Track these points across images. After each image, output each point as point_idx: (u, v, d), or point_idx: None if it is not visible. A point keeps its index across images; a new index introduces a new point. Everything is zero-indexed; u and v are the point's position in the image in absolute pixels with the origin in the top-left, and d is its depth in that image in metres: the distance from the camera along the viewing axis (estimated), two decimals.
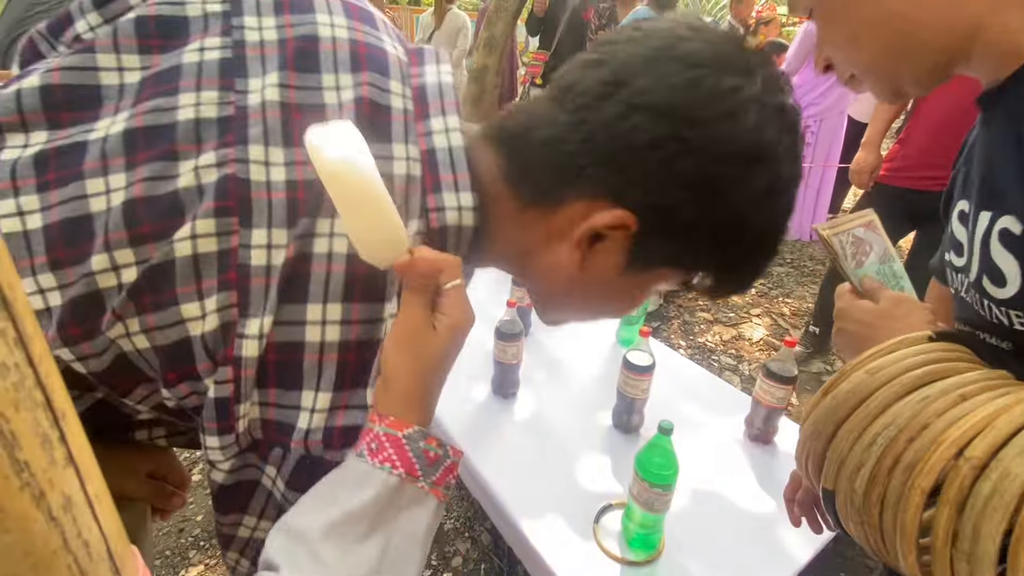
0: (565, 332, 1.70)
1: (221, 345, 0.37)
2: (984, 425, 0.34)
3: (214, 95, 0.40)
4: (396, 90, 0.43)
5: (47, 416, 0.16)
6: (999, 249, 0.42)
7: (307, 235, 0.37)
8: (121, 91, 0.41)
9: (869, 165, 1.74)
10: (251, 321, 0.36)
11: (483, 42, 3.71)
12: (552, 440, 1.26)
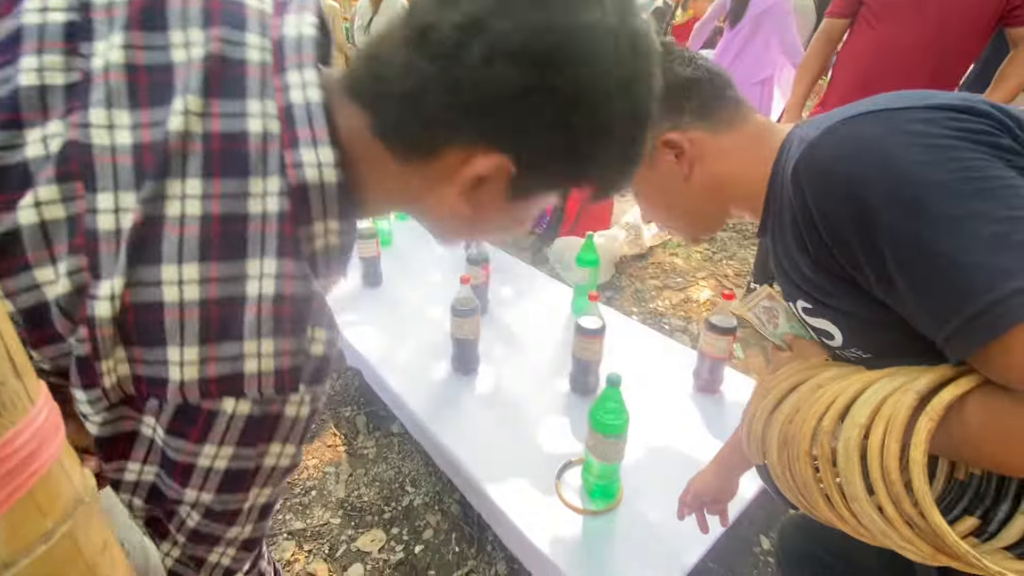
0: (522, 307, 1.74)
1: (76, 307, 0.38)
2: (830, 402, 0.49)
3: (59, 60, 0.39)
4: (253, 43, 0.42)
5: None
6: (810, 320, 0.57)
7: (156, 198, 0.38)
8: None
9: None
10: (102, 283, 0.37)
11: None
12: (513, 409, 1.30)
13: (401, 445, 1.63)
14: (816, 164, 0.48)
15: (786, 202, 0.52)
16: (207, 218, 0.38)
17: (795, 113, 1.84)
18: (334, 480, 1.51)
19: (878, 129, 0.46)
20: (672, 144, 0.61)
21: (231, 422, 0.39)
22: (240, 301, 0.39)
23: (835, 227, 0.46)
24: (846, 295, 0.50)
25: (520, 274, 1.99)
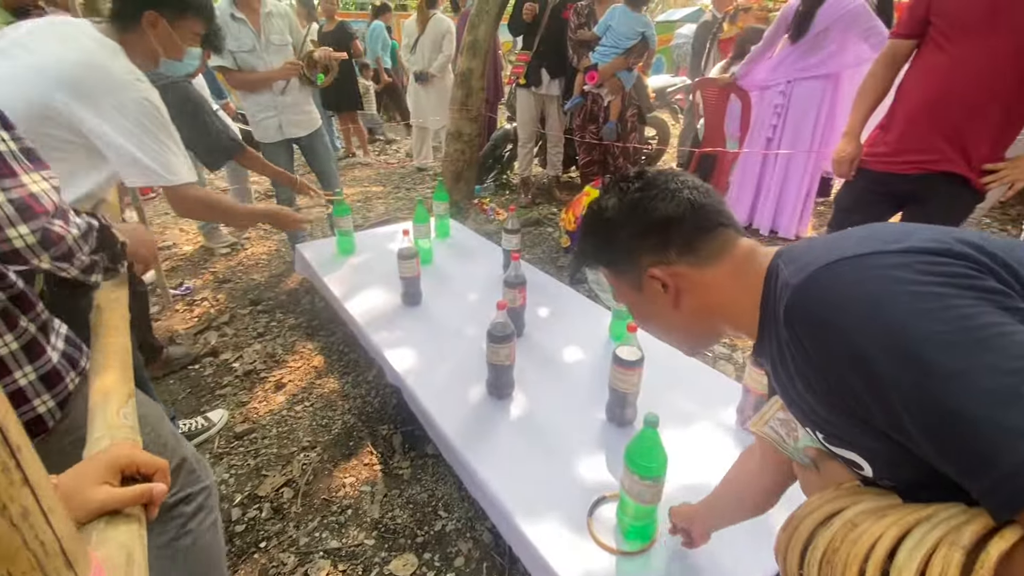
0: (559, 330, 1.72)
1: None
2: (870, 546, 0.46)
3: None
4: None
5: (5, 449, 0.18)
6: (834, 449, 0.55)
7: None
8: None
9: (849, 155, 1.74)
10: None
11: (467, 46, 3.74)
12: (547, 437, 1.28)
13: (435, 467, 1.63)
14: (806, 314, 0.49)
15: (783, 341, 0.53)
16: None
17: (853, 140, 1.74)
18: (369, 500, 1.53)
19: (859, 276, 0.46)
20: (656, 278, 0.64)
21: None
22: None
23: (840, 377, 0.46)
24: (865, 434, 0.49)
25: (557, 295, 1.97)
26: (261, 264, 3.15)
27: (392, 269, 1.88)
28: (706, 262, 0.62)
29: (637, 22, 3.15)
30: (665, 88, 4.54)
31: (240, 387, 2.06)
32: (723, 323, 0.66)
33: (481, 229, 3.40)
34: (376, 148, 6.21)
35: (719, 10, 4.52)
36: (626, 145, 3.41)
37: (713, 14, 4.55)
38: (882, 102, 1.77)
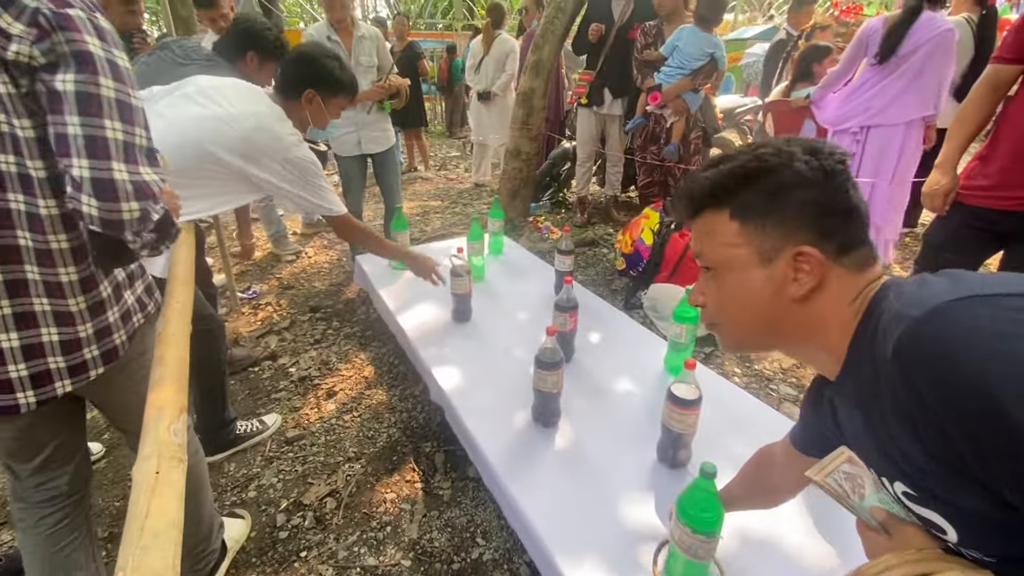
0: (610, 358, 1.65)
1: None
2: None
3: None
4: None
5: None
6: (915, 507, 0.49)
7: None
8: None
9: (943, 188, 1.57)
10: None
11: (530, 65, 3.77)
12: (593, 473, 1.22)
13: (476, 491, 1.60)
14: (925, 349, 0.43)
15: (885, 378, 0.47)
16: None
17: (948, 172, 1.58)
18: (409, 518, 1.52)
19: (995, 315, 0.41)
20: (804, 260, 0.56)
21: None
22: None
23: (958, 423, 0.40)
24: (963, 491, 0.43)
25: (610, 321, 1.91)
26: (323, 272, 3.28)
27: (445, 284, 1.90)
28: (847, 270, 0.56)
29: (707, 43, 3.05)
30: (734, 108, 4.38)
31: (294, 392, 2.12)
32: (809, 340, 0.59)
33: (535, 247, 3.38)
34: (436, 163, 6.38)
35: (795, 28, 4.33)
36: (688, 167, 3.29)
37: (788, 32, 4.37)
38: (982, 131, 1.61)
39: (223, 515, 1.43)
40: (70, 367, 0.87)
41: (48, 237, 0.80)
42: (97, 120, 0.73)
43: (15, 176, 0.77)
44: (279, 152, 1.43)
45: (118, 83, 0.76)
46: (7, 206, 0.77)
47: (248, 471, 1.72)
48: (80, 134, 0.72)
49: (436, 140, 7.83)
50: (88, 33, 0.73)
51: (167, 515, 0.47)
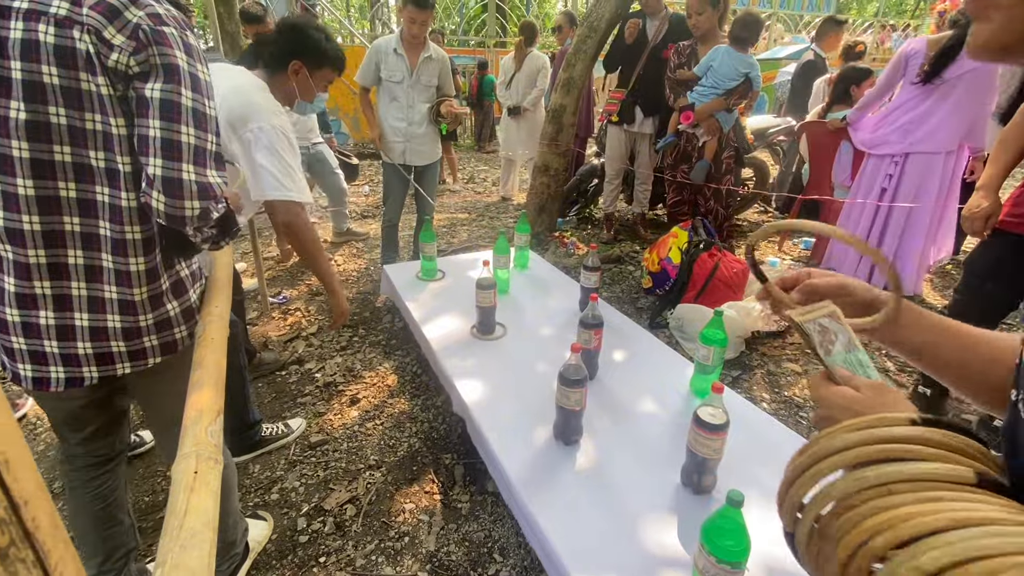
0: (634, 377, 1.63)
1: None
2: (888, 526, 0.35)
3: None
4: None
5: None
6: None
7: None
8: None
9: (984, 212, 1.52)
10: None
11: (561, 83, 3.81)
12: (614, 495, 1.20)
13: (494, 506, 1.59)
14: None
15: None
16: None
17: (990, 195, 1.54)
18: (427, 530, 1.52)
19: None
20: None
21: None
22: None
23: None
24: None
25: (635, 339, 1.89)
26: (351, 280, 3.34)
27: (469, 297, 1.91)
28: None
29: (741, 63, 3.04)
30: (766, 129, 4.32)
31: (319, 397, 2.16)
32: None
33: (560, 263, 3.39)
34: (464, 177, 6.47)
35: (825, 50, 4.28)
36: (719, 187, 3.26)
37: (816, 53, 4.32)
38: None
39: (246, 516, 1.46)
40: (130, 352, 0.95)
41: (125, 228, 0.88)
42: (175, 125, 0.82)
43: (103, 171, 0.85)
44: (254, 117, 1.41)
45: (196, 94, 0.85)
46: (94, 198, 0.85)
47: (272, 473, 1.75)
48: (159, 136, 0.82)
49: (464, 154, 7.95)
50: (178, 48, 0.83)
51: (204, 514, 0.49)
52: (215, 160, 0.89)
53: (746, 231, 4.34)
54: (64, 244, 0.85)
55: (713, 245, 2.75)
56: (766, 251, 3.89)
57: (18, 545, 0.17)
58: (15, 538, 0.17)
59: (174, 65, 0.82)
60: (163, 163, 0.82)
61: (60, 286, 0.87)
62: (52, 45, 0.77)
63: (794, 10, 10.92)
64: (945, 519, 0.33)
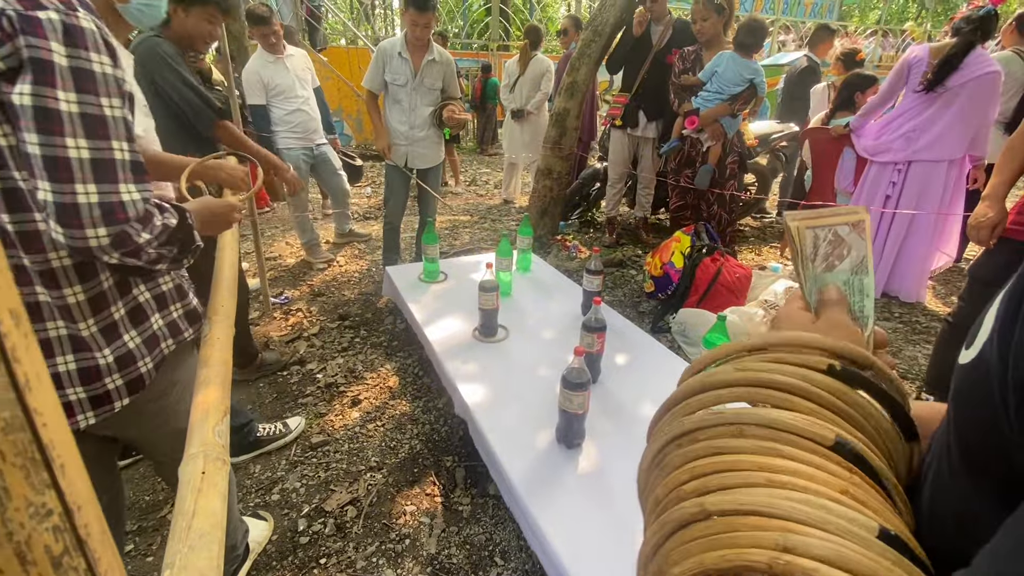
0: (636, 381, 1.63)
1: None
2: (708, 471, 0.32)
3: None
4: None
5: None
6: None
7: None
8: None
9: (990, 221, 1.52)
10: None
11: (565, 87, 3.82)
12: (616, 499, 1.20)
13: (495, 509, 1.59)
14: None
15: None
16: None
17: (996, 204, 1.54)
18: (427, 532, 1.51)
19: None
20: None
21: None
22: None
23: None
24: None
25: (638, 343, 1.89)
26: (353, 281, 3.34)
27: (472, 299, 1.91)
28: None
29: (746, 69, 3.05)
30: (769, 134, 4.33)
31: (321, 398, 2.16)
32: None
33: (562, 266, 3.39)
34: (467, 179, 6.48)
35: (819, 56, 4.31)
36: (722, 192, 3.26)
37: (810, 58, 4.33)
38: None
39: (247, 515, 1.46)
40: (91, 397, 0.81)
41: (48, 255, 0.74)
42: (57, 138, 0.66)
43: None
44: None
45: (83, 94, 0.68)
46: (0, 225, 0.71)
47: (272, 474, 1.75)
48: (39, 153, 0.66)
49: (467, 156, 7.96)
50: (54, 39, 0.65)
51: (213, 515, 0.49)
52: (130, 171, 0.73)
53: (748, 236, 4.35)
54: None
55: (716, 250, 2.75)
56: (768, 256, 3.90)
57: (71, 553, 0.17)
58: (68, 546, 0.17)
59: (44, 61, 0.65)
60: (51, 186, 0.67)
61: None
62: None
63: (796, 17, 10.96)
64: (762, 477, 0.30)
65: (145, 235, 0.75)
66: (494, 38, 9.11)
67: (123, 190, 0.72)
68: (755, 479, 0.30)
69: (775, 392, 0.35)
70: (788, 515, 0.28)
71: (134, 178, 0.74)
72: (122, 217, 0.71)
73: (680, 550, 0.31)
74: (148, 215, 0.76)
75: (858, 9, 15.67)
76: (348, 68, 6.73)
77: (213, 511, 0.49)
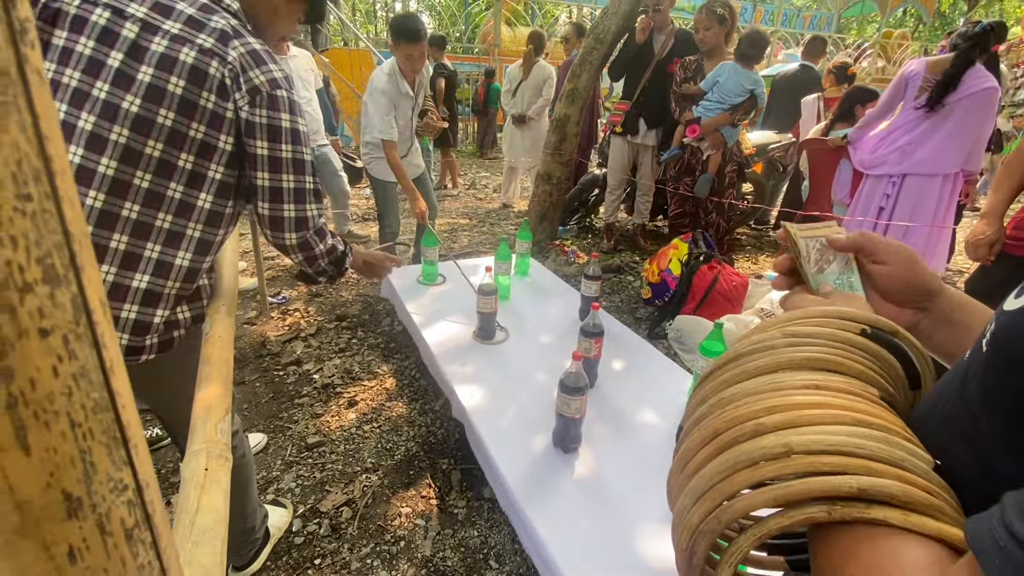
0: (633, 387, 1.64)
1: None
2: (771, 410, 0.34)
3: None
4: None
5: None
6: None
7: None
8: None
9: (989, 239, 1.53)
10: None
11: (566, 93, 3.84)
12: (612, 504, 1.20)
13: (491, 513, 1.59)
14: None
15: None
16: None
17: (994, 222, 1.56)
18: (423, 535, 1.51)
19: None
20: None
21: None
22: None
23: None
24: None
25: (635, 349, 1.90)
26: (351, 282, 3.34)
27: (470, 302, 1.91)
28: None
29: (747, 79, 3.08)
30: (767, 144, 4.37)
31: (317, 399, 2.15)
32: None
33: (560, 270, 3.40)
34: (466, 183, 6.49)
35: (811, 62, 4.36)
36: (721, 200, 3.29)
37: (803, 66, 4.37)
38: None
39: (267, 502, 1.51)
40: (129, 346, 0.93)
41: (188, 224, 0.97)
42: (278, 175, 0.99)
43: (187, 171, 0.94)
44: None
45: (295, 145, 0.99)
46: (163, 192, 0.93)
47: (268, 474, 1.74)
48: (266, 185, 0.99)
49: (467, 160, 7.98)
50: (284, 111, 0.97)
51: (216, 511, 0.49)
52: (313, 196, 1.05)
53: (745, 245, 4.37)
54: (112, 227, 0.89)
55: (713, 258, 2.77)
56: (764, 265, 3.92)
57: (141, 527, 0.20)
58: (139, 520, 0.19)
59: (278, 127, 0.97)
60: (268, 205, 1.00)
61: None
62: (189, 65, 0.89)
63: (796, 29, 11.06)
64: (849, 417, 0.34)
65: (321, 247, 1.08)
66: (496, 43, 9.15)
67: (309, 209, 1.04)
68: (841, 417, 0.33)
69: (823, 348, 0.39)
70: (873, 454, 0.31)
71: (316, 201, 1.06)
72: (306, 228, 1.05)
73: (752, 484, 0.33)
74: (323, 230, 1.10)
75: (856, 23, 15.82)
76: (349, 69, 6.75)
77: (216, 507, 0.50)
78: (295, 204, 1.01)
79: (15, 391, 0.16)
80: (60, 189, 0.18)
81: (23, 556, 0.17)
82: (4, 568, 0.17)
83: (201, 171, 0.94)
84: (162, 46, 0.89)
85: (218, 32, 0.92)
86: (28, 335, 0.16)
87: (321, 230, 1.08)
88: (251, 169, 0.98)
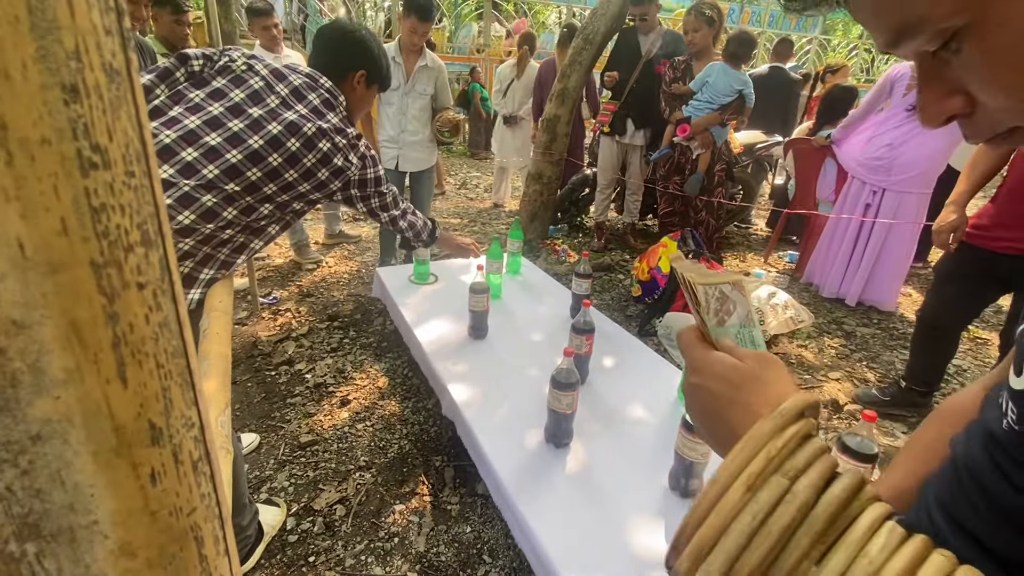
0: (624, 383, 1.67)
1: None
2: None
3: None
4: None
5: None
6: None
7: None
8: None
9: (950, 225, 1.61)
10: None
11: (556, 94, 3.86)
12: (603, 497, 1.23)
13: (484, 508, 1.61)
14: None
15: None
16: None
17: (957, 210, 1.62)
18: (416, 531, 1.53)
19: None
20: None
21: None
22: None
23: None
24: None
25: (625, 346, 1.93)
26: (342, 282, 3.34)
27: (461, 301, 1.93)
28: None
29: (735, 80, 3.12)
30: (755, 144, 4.42)
31: (309, 398, 2.16)
32: None
33: (551, 269, 3.42)
34: (457, 183, 6.50)
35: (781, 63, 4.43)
36: (710, 199, 3.33)
37: (772, 68, 4.43)
38: (995, 174, 1.65)
39: (261, 502, 1.51)
40: None
41: (254, 215, 1.24)
42: (372, 200, 1.47)
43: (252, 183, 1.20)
44: None
45: (376, 178, 1.43)
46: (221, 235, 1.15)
47: (261, 473, 1.74)
48: (375, 207, 1.50)
49: (457, 160, 7.99)
50: (369, 169, 1.39)
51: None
52: (392, 197, 1.54)
53: (734, 243, 4.43)
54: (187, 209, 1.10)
55: (702, 256, 2.81)
56: (752, 263, 3.97)
57: (203, 461, 0.23)
58: (202, 455, 0.22)
59: (365, 180, 1.40)
60: (381, 216, 1.55)
61: None
62: (290, 121, 1.20)
63: (782, 30, 11.19)
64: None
65: (403, 223, 1.62)
66: (486, 43, 9.15)
67: (393, 209, 1.57)
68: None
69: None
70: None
71: (396, 197, 1.57)
72: (389, 209, 1.56)
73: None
74: (405, 211, 1.62)
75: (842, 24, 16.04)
76: None
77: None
78: (390, 210, 1.56)
79: (119, 332, 0.20)
80: (151, 169, 0.22)
81: (117, 472, 0.21)
82: (102, 481, 0.21)
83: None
84: (275, 101, 1.25)
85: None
86: (129, 287, 0.20)
87: (403, 211, 1.62)
88: (360, 202, 1.48)
